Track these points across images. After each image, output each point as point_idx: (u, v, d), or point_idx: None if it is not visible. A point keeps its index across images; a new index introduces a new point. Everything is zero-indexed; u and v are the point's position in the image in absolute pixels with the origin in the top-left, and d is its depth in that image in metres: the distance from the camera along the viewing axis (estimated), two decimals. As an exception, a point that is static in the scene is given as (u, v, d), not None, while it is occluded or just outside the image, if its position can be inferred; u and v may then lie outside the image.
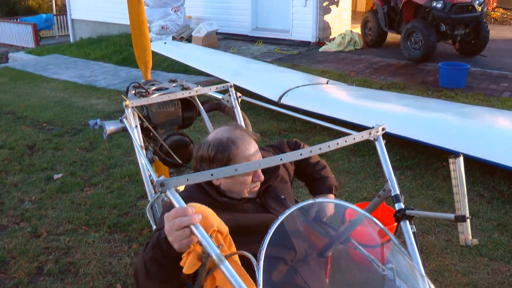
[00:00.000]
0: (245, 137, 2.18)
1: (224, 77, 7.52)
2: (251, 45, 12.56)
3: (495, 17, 15.69)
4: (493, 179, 4.98)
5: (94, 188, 5.19)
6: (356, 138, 1.89)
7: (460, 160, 1.74)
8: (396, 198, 1.93)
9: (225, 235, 1.66)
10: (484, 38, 9.95)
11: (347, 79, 8.88)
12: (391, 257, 1.83)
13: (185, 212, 1.50)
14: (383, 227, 1.85)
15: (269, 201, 2.22)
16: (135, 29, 3.66)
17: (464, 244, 1.71)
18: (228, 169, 1.63)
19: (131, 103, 2.89)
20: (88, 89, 9.88)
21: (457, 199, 1.72)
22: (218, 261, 1.44)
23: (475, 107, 6.62)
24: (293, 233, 1.87)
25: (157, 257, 1.66)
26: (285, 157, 1.69)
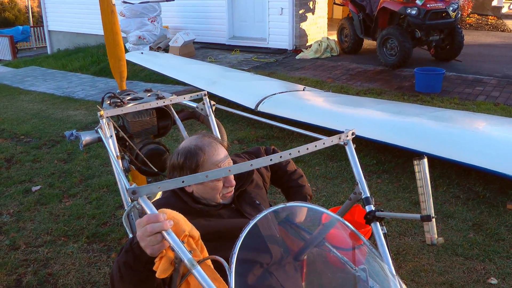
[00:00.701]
0: (213, 143, 2.25)
1: (201, 86, 7.53)
2: (228, 53, 12.60)
3: (470, 22, 15.89)
4: (468, 181, 5.06)
5: (72, 199, 5.17)
6: (326, 143, 1.92)
7: (425, 162, 1.79)
8: (367, 200, 1.96)
9: (197, 240, 1.69)
10: (459, 44, 10.09)
11: (324, 85, 8.94)
12: (363, 258, 1.86)
13: (156, 218, 1.52)
14: (354, 229, 1.88)
15: (244, 207, 2.26)
16: (109, 39, 3.67)
17: (430, 243, 1.75)
18: (199, 175, 1.65)
19: (105, 113, 2.90)
20: (65, 100, 9.83)
21: (423, 199, 1.76)
22: (190, 266, 1.46)
23: (450, 111, 6.70)
24: (268, 236, 1.89)
25: (129, 261, 1.68)
26: (256, 163, 1.71)
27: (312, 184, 5.10)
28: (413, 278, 3.63)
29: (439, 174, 5.20)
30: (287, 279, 1.89)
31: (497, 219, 4.40)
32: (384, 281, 1.77)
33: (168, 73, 8.78)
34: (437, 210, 4.53)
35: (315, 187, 5.05)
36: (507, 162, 4.56)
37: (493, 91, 8.39)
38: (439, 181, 5.08)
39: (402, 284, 1.74)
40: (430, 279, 3.61)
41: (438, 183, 5.04)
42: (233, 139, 6.55)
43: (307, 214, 1.99)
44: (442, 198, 4.77)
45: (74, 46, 16.23)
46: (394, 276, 1.76)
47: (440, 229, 4.25)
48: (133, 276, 1.71)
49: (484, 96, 8.08)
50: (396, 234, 4.18)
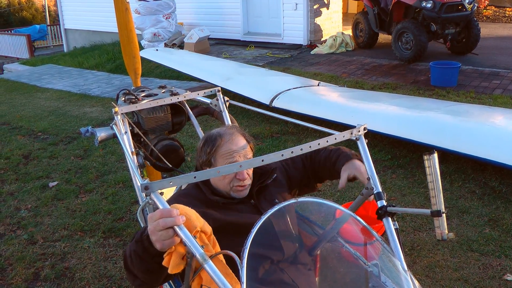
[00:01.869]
0: (234, 133, 2.33)
1: (216, 82, 7.55)
2: (243, 49, 12.60)
3: (487, 15, 15.74)
4: (484, 176, 5.01)
5: (89, 195, 5.22)
6: (338, 138, 1.93)
7: (435, 157, 1.78)
8: (378, 195, 1.96)
9: (209, 235, 1.70)
10: (475, 37, 9.98)
11: (339, 80, 8.92)
12: (375, 254, 1.87)
13: (169, 213, 1.54)
14: (366, 225, 1.89)
15: (263, 204, 2.27)
16: (123, 37, 3.69)
17: (440, 238, 1.74)
18: (211, 171, 1.67)
19: (120, 109, 2.93)
20: (82, 97, 9.93)
21: (433, 194, 1.75)
22: (202, 261, 1.47)
23: (466, 105, 6.65)
24: (280, 232, 1.90)
25: (138, 251, 1.72)
26: (267, 158, 1.71)
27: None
28: (427, 273, 3.61)
29: (455, 169, 5.16)
30: (299, 274, 1.90)
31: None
32: (396, 276, 1.77)
33: (183, 69, 8.82)
34: (452, 205, 4.51)
35: (329, 182, 5.04)
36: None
37: (510, 84, 8.28)
38: (454, 176, 5.04)
39: (413, 279, 1.74)
40: (445, 275, 3.59)
41: (454, 178, 5.01)
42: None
43: (320, 209, 2.00)
44: (458, 193, 4.74)
45: (90, 44, 16.33)
46: (406, 272, 1.76)
47: (455, 224, 4.22)
48: (141, 265, 1.75)
49: (501, 90, 7.99)
50: (410, 230, 4.16)
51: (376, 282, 1.78)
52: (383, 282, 1.77)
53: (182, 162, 3.22)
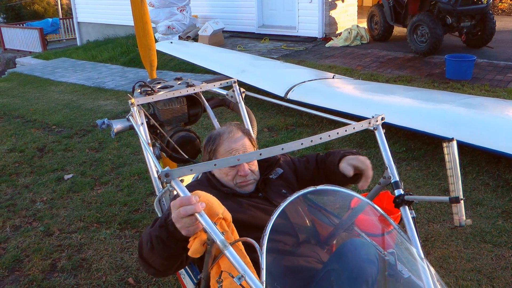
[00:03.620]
0: (233, 131, 2.40)
1: (231, 75, 7.55)
2: (258, 42, 12.59)
3: (502, 8, 15.63)
4: (498, 168, 5.00)
5: (104, 187, 5.26)
6: (356, 128, 1.93)
7: (454, 144, 1.79)
8: (396, 184, 1.97)
9: (229, 222, 1.72)
10: (491, 30, 9.92)
11: (354, 73, 8.91)
12: (391, 242, 1.88)
13: (189, 201, 1.55)
14: (383, 212, 1.90)
15: (272, 196, 2.30)
16: (139, 29, 3.71)
17: (458, 224, 1.75)
18: (231, 159, 1.68)
19: (136, 101, 2.95)
20: (96, 91, 9.98)
21: (451, 181, 1.76)
22: (223, 247, 1.48)
23: (481, 98, 6.62)
24: (296, 221, 1.92)
25: (163, 237, 1.74)
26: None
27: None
28: (441, 264, 3.62)
29: (469, 161, 5.15)
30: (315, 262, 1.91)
31: (527, 207, 4.36)
32: (413, 264, 1.78)
33: (198, 62, 8.83)
34: (466, 197, 4.50)
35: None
36: (538, 149, 4.49)
37: (525, 78, 8.25)
38: (468, 168, 5.04)
39: (430, 267, 1.75)
40: (458, 265, 3.60)
41: (468, 170, 5.00)
42: (262, 126, 6.58)
43: (337, 197, 2.01)
44: (472, 185, 4.73)
45: (104, 37, 16.38)
46: (423, 260, 1.77)
47: (469, 216, 4.22)
48: (164, 250, 1.77)
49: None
50: (425, 221, 4.17)
51: (393, 271, 1.79)
52: (400, 271, 1.78)
53: (199, 154, 3.23)
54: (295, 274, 1.83)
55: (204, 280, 1.85)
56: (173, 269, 1.94)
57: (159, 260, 1.83)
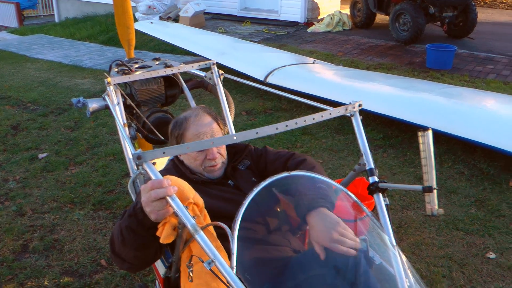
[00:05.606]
0: (200, 114, 2.35)
1: (211, 57, 7.49)
2: (239, 25, 12.51)
3: (485, 0, 15.72)
4: (473, 158, 5.07)
5: (79, 167, 5.21)
6: (333, 114, 1.91)
7: (429, 134, 1.78)
8: (371, 171, 1.96)
9: (201, 207, 1.70)
10: (472, 21, 10.01)
11: (334, 59, 8.91)
12: (364, 229, 1.87)
13: (160, 184, 1.52)
14: (356, 199, 1.89)
15: (242, 183, 2.27)
16: (117, 6, 3.65)
17: (430, 213, 1.75)
18: (205, 142, 1.66)
19: (113, 80, 2.90)
20: (73, 69, 9.84)
21: (425, 170, 1.75)
22: (194, 231, 1.46)
23: (459, 88, 6.66)
24: (268, 207, 1.90)
25: (132, 226, 1.71)
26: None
27: (319, 157, 5.12)
28: (413, 251, 3.67)
29: (445, 150, 5.20)
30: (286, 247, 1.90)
31: (499, 195, 4.44)
32: (384, 251, 1.78)
33: (178, 43, 8.76)
34: (441, 186, 4.57)
35: (321, 160, 5.06)
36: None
37: (504, 69, 8.34)
38: (444, 157, 5.09)
39: (401, 254, 1.75)
40: (430, 252, 3.66)
41: (444, 159, 5.05)
42: (241, 110, 6.55)
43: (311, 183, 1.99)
44: (447, 174, 4.79)
45: (83, 15, 16.14)
46: (394, 247, 1.77)
47: (443, 204, 4.30)
48: (135, 240, 1.74)
49: (495, 75, 8.03)
50: (399, 208, 4.22)
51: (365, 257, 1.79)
52: (371, 257, 1.78)
53: (175, 135, 3.20)
54: (266, 264, 1.82)
55: (175, 263, 1.83)
56: (148, 261, 1.92)
57: (132, 252, 1.80)
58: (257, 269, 1.79)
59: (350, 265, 1.74)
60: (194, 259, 1.63)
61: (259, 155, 2.49)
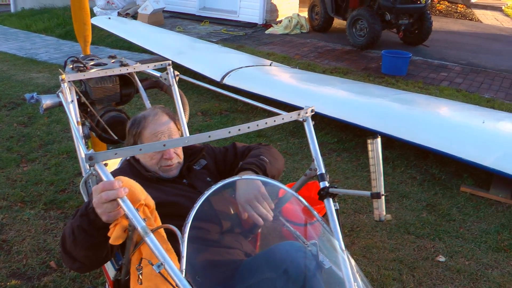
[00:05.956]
0: (158, 114, 2.38)
1: (168, 56, 7.45)
2: (198, 24, 12.47)
3: (440, 9, 16.05)
4: (426, 163, 5.19)
5: (31, 164, 5.09)
6: (285, 118, 1.94)
7: (378, 141, 1.83)
8: (321, 176, 1.99)
9: (152, 209, 1.70)
10: (427, 29, 10.25)
11: (291, 62, 8.96)
12: (314, 233, 1.90)
13: (111, 185, 1.52)
14: (307, 204, 1.92)
15: (197, 182, 2.29)
16: (74, 2, 3.61)
17: (378, 219, 1.80)
18: (157, 144, 1.65)
19: (67, 77, 2.87)
20: (28, 62, 9.62)
21: (374, 177, 1.80)
22: (144, 234, 1.46)
23: (413, 94, 6.80)
24: (220, 209, 1.92)
25: (84, 226, 1.69)
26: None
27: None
28: (365, 254, 3.73)
29: (398, 155, 5.30)
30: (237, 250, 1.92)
31: (450, 200, 4.56)
32: (334, 255, 1.81)
33: (135, 40, 8.66)
34: (393, 190, 4.66)
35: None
36: (463, 147, 4.70)
37: (457, 77, 8.56)
38: (397, 162, 5.19)
39: (350, 258, 1.78)
40: (381, 255, 3.72)
41: (396, 163, 5.15)
42: (197, 110, 6.53)
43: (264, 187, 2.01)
44: (399, 179, 4.89)
45: (40, 6, 15.81)
46: (343, 251, 1.80)
47: (395, 208, 4.38)
48: (86, 240, 1.73)
49: (448, 82, 8.24)
50: (351, 212, 4.27)
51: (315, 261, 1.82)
52: (321, 261, 1.81)
53: (129, 135, 3.18)
54: (217, 266, 1.83)
55: (125, 266, 1.82)
56: (99, 262, 1.90)
57: (83, 251, 1.78)
58: (208, 272, 1.80)
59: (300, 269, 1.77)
60: (144, 261, 1.63)
61: (211, 153, 2.53)
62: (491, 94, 7.72)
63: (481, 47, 11.21)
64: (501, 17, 16.12)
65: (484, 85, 8.20)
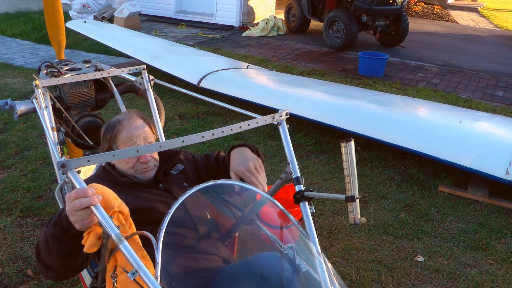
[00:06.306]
0: (132, 118, 2.38)
1: (145, 60, 7.43)
2: (175, 28, 12.46)
3: (416, 10, 16.21)
4: (404, 163, 5.22)
5: (7, 171, 5.03)
6: (259, 122, 1.94)
7: (351, 145, 1.83)
8: (297, 180, 1.99)
9: (126, 216, 1.68)
10: (404, 30, 10.34)
11: (268, 64, 8.98)
12: (291, 237, 1.90)
13: (85, 193, 1.51)
14: (283, 209, 1.92)
15: (173, 187, 2.28)
16: (48, 6, 3.58)
17: (353, 222, 1.80)
18: (130, 150, 1.64)
19: (41, 82, 2.85)
20: (3, 67, 9.52)
21: (348, 180, 1.80)
22: (118, 241, 1.45)
23: (390, 95, 6.82)
24: (196, 214, 1.91)
25: (57, 234, 1.68)
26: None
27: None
28: (343, 255, 3.73)
29: (376, 156, 5.33)
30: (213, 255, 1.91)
31: (428, 200, 4.58)
32: (310, 259, 1.82)
33: (112, 44, 8.60)
34: (371, 191, 4.67)
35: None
36: (441, 147, 4.72)
37: (434, 78, 8.65)
38: (375, 162, 5.21)
39: (327, 261, 1.79)
40: (360, 256, 3.73)
41: (375, 164, 5.17)
42: (174, 114, 6.50)
43: (239, 191, 2.01)
44: (378, 179, 4.91)
45: (15, 10, 15.66)
46: (320, 254, 1.80)
47: (373, 209, 4.40)
48: (60, 249, 1.71)
49: (425, 83, 8.32)
50: (330, 213, 4.28)
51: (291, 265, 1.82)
52: (298, 265, 1.81)
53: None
54: (194, 273, 1.82)
55: (101, 273, 1.80)
56: (74, 270, 1.89)
57: (57, 260, 1.77)
58: (185, 278, 1.79)
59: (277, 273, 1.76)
60: (119, 269, 1.61)
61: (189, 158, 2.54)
62: (468, 94, 7.80)
63: (457, 47, 11.35)
64: (477, 18, 16.34)
65: (461, 86, 8.29)
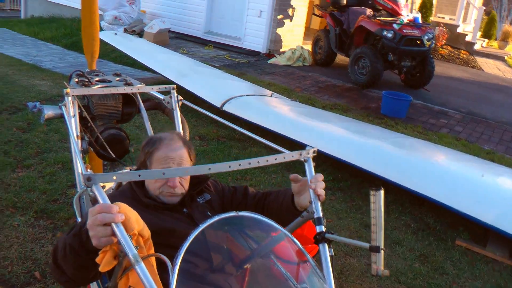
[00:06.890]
0: (174, 139, 2.37)
1: (170, 76, 7.49)
2: (202, 48, 12.57)
3: (442, 53, 16.16)
4: (421, 211, 5.13)
5: (26, 171, 5.06)
6: (286, 157, 1.94)
7: (381, 194, 1.80)
8: (318, 220, 1.98)
9: (146, 239, 1.68)
10: (429, 73, 10.29)
11: (292, 94, 8.99)
12: (305, 276, 1.88)
13: (109, 209, 1.51)
14: (301, 247, 1.90)
15: (196, 214, 2.27)
16: (85, 17, 3.63)
17: (375, 273, 1.76)
18: (156, 171, 1.65)
19: (72, 91, 2.87)
20: (32, 68, 9.63)
21: (374, 230, 1.77)
22: (134, 261, 1.45)
23: (412, 139, 6.78)
24: (213, 243, 1.89)
25: (74, 245, 1.68)
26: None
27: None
28: (353, 300, 3.66)
29: (393, 200, 5.25)
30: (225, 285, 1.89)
31: (444, 253, 4.45)
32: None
33: (139, 58, 8.67)
34: (386, 236, 4.56)
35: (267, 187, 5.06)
36: (461, 199, 4.62)
37: (457, 125, 8.57)
38: (392, 207, 5.13)
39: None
40: (370, 303, 3.64)
41: (391, 209, 5.09)
42: (194, 134, 6.52)
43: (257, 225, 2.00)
44: (393, 224, 4.82)
45: (49, 15, 15.92)
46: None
47: (387, 254, 4.28)
48: (75, 260, 1.72)
49: (448, 129, 8.24)
50: (342, 254, 4.20)
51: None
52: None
53: (126, 154, 3.17)
54: None
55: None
56: (86, 280, 1.89)
57: (71, 269, 1.77)
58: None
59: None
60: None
61: (217, 186, 2.54)
62: (491, 146, 7.70)
63: (482, 96, 11.29)
64: (503, 67, 16.28)
65: (484, 136, 8.20)
